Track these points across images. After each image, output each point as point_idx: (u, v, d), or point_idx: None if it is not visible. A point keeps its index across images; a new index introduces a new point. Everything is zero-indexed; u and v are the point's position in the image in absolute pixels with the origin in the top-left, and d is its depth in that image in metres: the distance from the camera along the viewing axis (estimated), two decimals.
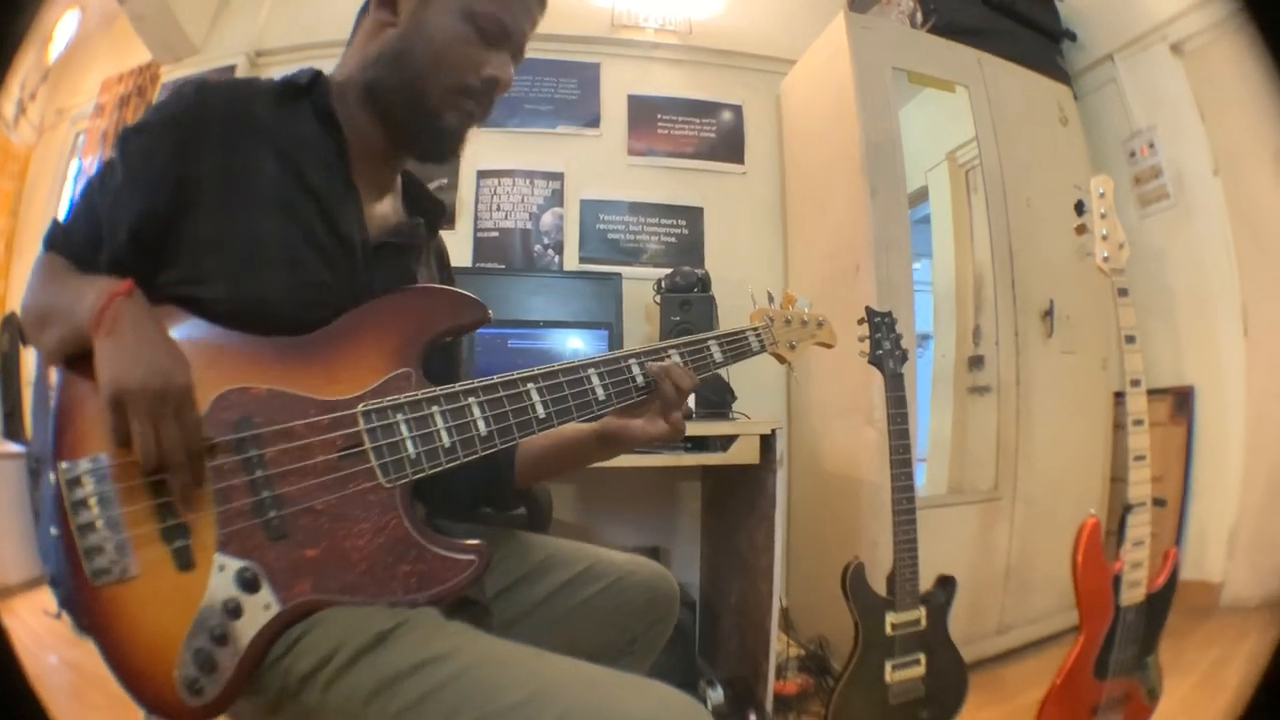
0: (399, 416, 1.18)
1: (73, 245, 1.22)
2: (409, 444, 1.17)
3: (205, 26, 3.89)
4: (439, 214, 1.57)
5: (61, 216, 1.27)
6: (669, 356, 1.43)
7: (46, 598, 1.14)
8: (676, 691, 1.01)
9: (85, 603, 1.02)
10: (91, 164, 3.84)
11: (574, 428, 1.43)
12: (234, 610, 1.04)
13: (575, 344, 3.28)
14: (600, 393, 1.35)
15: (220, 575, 1.04)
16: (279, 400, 1.13)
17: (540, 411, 1.28)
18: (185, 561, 1.04)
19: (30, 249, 3.75)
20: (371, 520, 1.14)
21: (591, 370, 1.35)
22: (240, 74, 3.70)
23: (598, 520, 3.60)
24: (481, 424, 1.22)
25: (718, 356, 1.50)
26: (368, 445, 1.15)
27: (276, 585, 1.07)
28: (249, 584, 1.05)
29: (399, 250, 1.39)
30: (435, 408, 1.20)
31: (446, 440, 1.20)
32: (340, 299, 1.24)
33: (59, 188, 3.98)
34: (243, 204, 1.20)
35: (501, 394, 1.25)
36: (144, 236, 1.18)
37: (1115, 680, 2.19)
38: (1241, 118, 3.30)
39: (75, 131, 4.06)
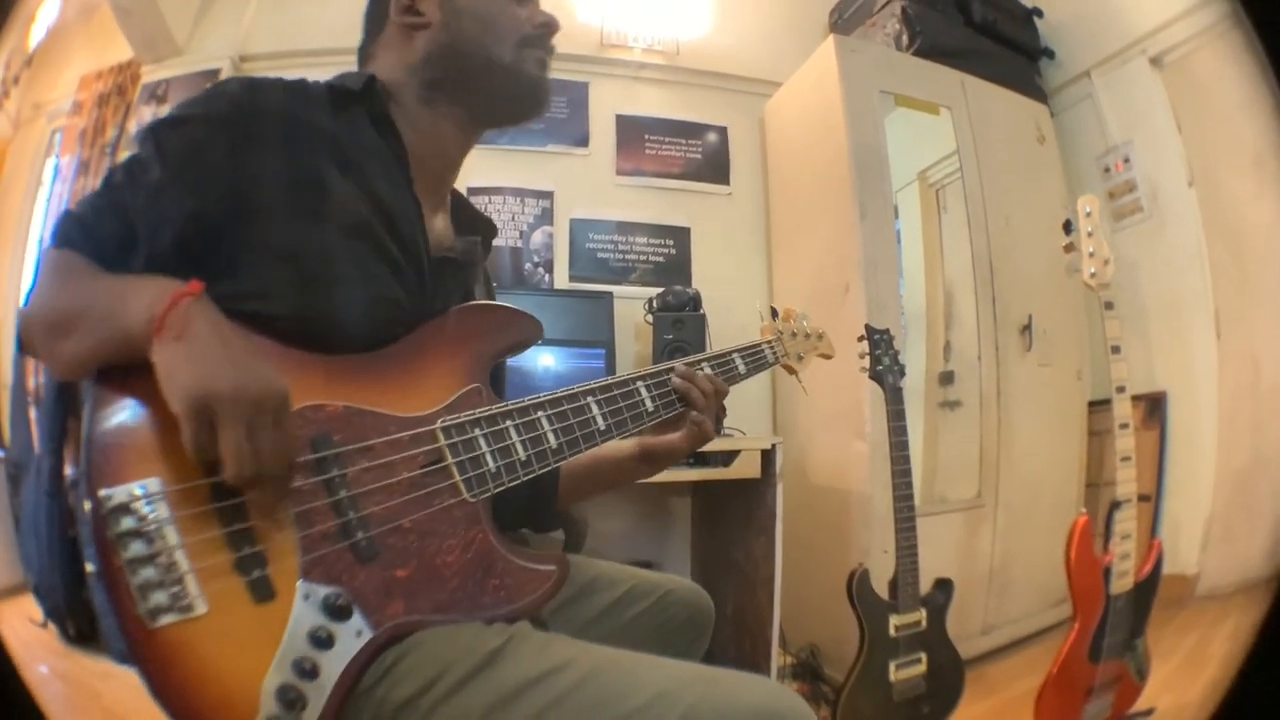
0: (477, 431, 1.19)
1: (95, 243, 1.09)
2: (488, 458, 1.18)
3: (190, 26, 3.78)
4: (492, 233, 1.59)
5: (75, 207, 1.13)
6: (702, 369, 1.49)
7: (31, 605, 1.09)
8: (779, 684, 1.05)
9: (135, 644, 0.91)
10: (69, 164, 3.69)
11: (613, 447, 1.48)
12: (324, 640, 0.98)
13: (570, 363, 3.31)
14: (649, 404, 1.40)
15: (305, 604, 0.98)
16: (356, 417, 1.10)
17: (601, 424, 1.32)
18: (265, 592, 0.97)
19: (5, 248, 3.64)
20: (459, 535, 1.13)
21: (640, 383, 1.40)
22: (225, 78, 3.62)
23: (590, 536, 3.60)
24: (551, 436, 1.25)
25: (741, 369, 1.57)
26: (450, 460, 1.15)
27: (368, 610, 1.02)
28: (340, 611, 1.00)
29: (457, 266, 1.39)
30: (509, 422, 1.22)
31: (522, 453, 1.21)
32: (408, 314, 1.24)
33: (34, 189, 3.75)
34: (311, 213, 1.15)
35: (566, 407, 1.29)
36: (192, 241, 1.09)
37: (1108, 663, 2.30)
38: (1220, 127, 3.38)
39: (52, 129, 3.84)
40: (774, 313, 1.74)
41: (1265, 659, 1.16)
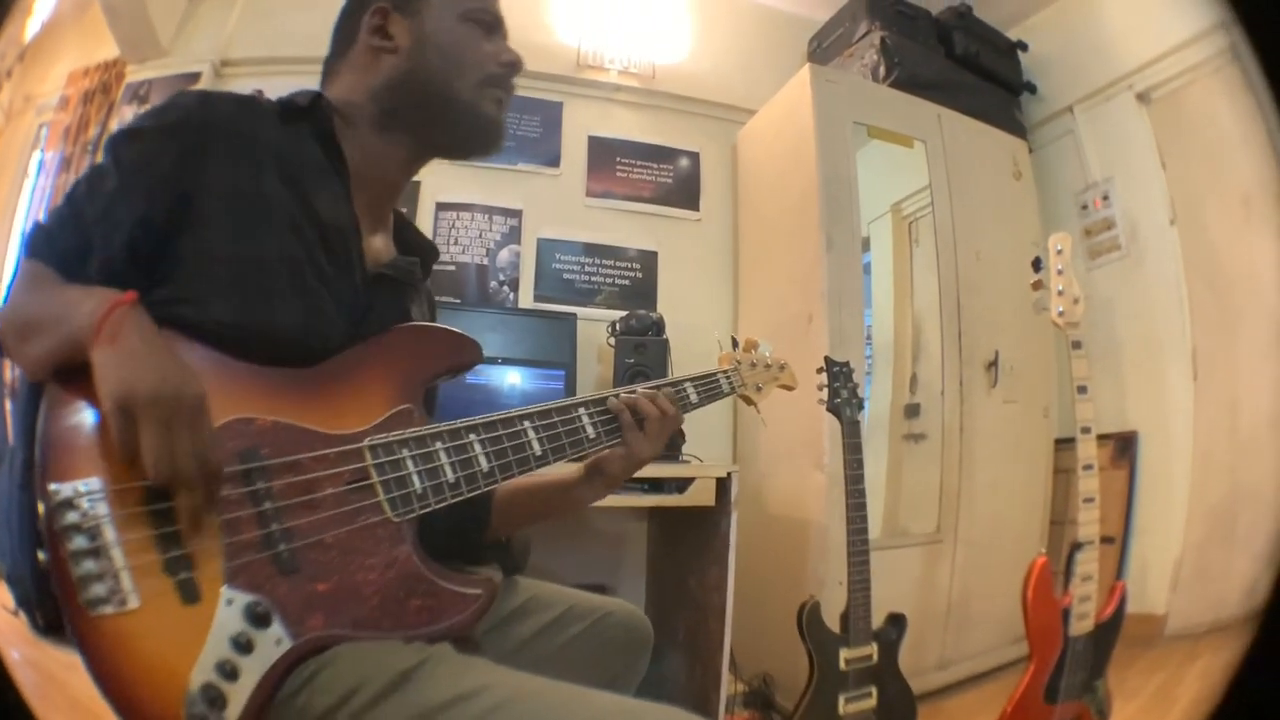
0: (405, 452, 1.19)
1: (57, 252, 1.15)
2: (415, 479, 1.18)
3: (174, 29, 3.81)
4: (433, 255, 1.60)
5: (43, 218, 1.20)
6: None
7: (3, 593, 1.12)
8: (697, 717, 1.05)
9: (78, 631, 0.96)
10: (53, 159, 3.71)
11: (557, 471, 1.45)
12: (244, 645, 1.00)
13: (532, 383, 3.30)
14: (590, 430, 1.37)
15: (229, 609, 1.01)
16: (285, 432, 1.12)
17: (537, 449, 1.30)
18: (190, 594, 1.00)
19: None
20: (381, 554, 1.13)
21: (582, 409, 1.37)
22: (204, 83, 3.67)
23: (544, 559, 3.53)
24: (483, 460, 1.24)
25: (694, 398, 1.53)
26: (375, 479, 1.15)
27: (288, 620, 1.04)
28: (260, 618, 1.02)
29: (393, 284, 1.40)
30: (439, 444, 1.21)
31: (451, 475, 1.21)
32: (341, 329, 1.25)
33: (20, 180, 3.74)
34: (250, 225, 1.18)
35: (501, 431, 1.27)
36: (140, 248, 1.14)
37: (1065, 704, 2.27)
38: (1207, 164, 3.38)
39: (40, 123, 3.86)
40: (734, 342, 1.71)
41: (1241, 698, 1.14)
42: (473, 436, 1.25)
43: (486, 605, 1.20)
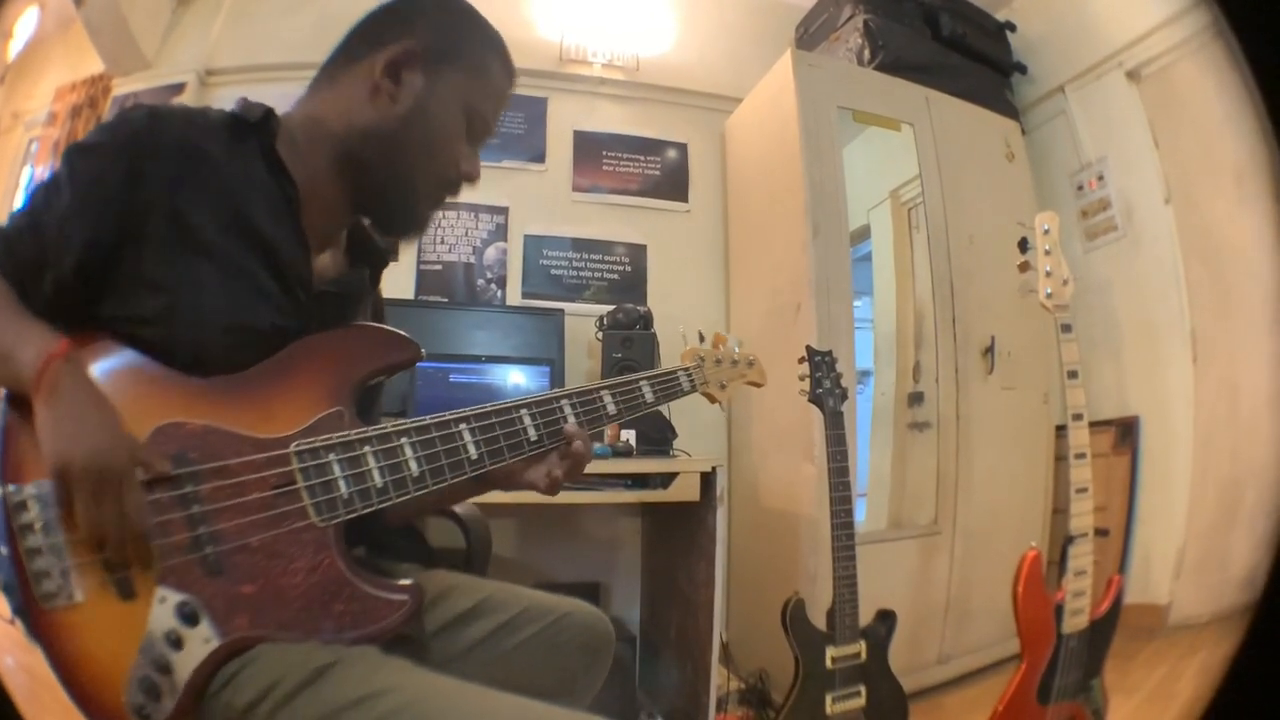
0: (331, 456, 1.18)
1: (15, 261, 1.17)
2: (341, 483, 1.17)
3: (158, 41, 3.83)
4: (383, 264, 1.56)
5: (6, 224, 1.21)
6: (600, 398, 1.44)
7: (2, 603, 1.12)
8: None
9: (37, 621, 1.02)
10: (43, 173, 3.65)
11: None
12: (175, 642, 1.04)
13: (517, 379, 3.27)
14: (532, 433, 1.35)
15: (161, 607, 1.04)
16: (214, 436, 1.13)
17: (472, 452, 1.28)
18: (126, 591, 1.05)
19: None
20: (305, 559, 1.13)
21: (524, 410, 1.35)
22: (190, 93, 3.69)
23: (538, 556, 3.59)
24: (414, 464, 1.22)
25: (649, 396, 1.51)
26: (300, 484, 1.15)
27: (216, 619, 1.07)
28: (189, 617, 1.05)
29: (339, 299, 1.38)
30: (368, 448, 1.20)
31: (379, 480, 1.20)
32: (279, 348, 1.23)
33: (13, 194, 3.88)
34: (186, 246, 1.18)
35: (434, 434, 1.25)
36: (89, 267, 1.15)
37: (1059, 705, 2.21)
38: (1197, 141, 3.35)
39: (29, 138, 3.96)
40: (701, 337, 1.68)
41: (1234, 697, 1.09)
42: (404, 440, 1.24)
43: (413, 610, 1.20)
